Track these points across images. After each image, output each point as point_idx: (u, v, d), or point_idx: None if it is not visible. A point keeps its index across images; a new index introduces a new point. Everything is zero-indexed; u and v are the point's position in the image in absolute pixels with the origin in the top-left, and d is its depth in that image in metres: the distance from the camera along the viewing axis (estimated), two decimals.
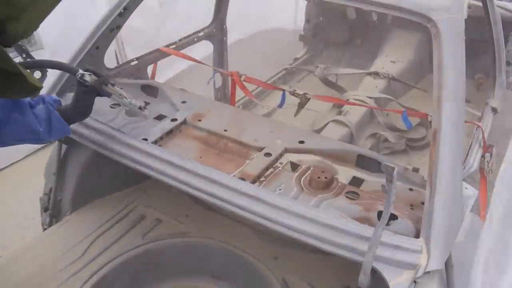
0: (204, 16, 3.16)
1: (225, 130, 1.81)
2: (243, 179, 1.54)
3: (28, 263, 1.87)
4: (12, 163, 3.57)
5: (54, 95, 1.72)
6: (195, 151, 1.73)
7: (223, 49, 3.19)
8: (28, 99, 1.45)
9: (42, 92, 1.82)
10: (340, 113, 3.17)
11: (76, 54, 1.98)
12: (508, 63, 3.13)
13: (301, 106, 2.48)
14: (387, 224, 1.31)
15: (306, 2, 4.42)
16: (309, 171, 1.61)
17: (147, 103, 1.97)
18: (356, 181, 1.60)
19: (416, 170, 1.62)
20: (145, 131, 1.79)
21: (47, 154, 2.17)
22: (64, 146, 2.18)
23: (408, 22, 1.48)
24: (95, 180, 2.20)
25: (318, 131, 3.03)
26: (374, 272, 1.25)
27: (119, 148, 1.66)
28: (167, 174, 1.55)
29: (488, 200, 2.12)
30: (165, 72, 4.17)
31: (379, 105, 3.29)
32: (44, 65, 1.57)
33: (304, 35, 4.47)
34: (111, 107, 1.93)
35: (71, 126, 1.57)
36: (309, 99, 2.43)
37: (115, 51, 4.01)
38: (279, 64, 4.21)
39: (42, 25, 0.99)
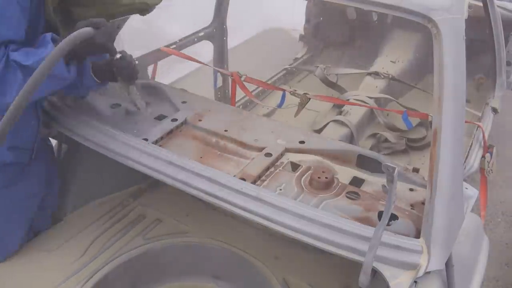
0: (204, 16, 3.16)
1: (226, 130, 1.81)
2: (243, 179, 1.54)
3: (28, 263, 1.87)
4: None
5: None
6: (196, 151, 1.73)
7: (223, 49, 3.19)
8: None
9: None
10: (340, 113, 3.17)
11: None
12: (508, 63, 3.13)
13: (301, 106, 2.48)
14: (388, 224, 1.31)
15: (306, 2, 4.42)
16: (310, 171, 1.61)
17: (147, 103, 1.97)
18: (357, 181, 1.60)
19: (416, 170, 1.62)
20: (146, 131, 1.79)
21: None
22: (64, 146, 2.18)
23: (408, 22, 1.48)
24: (95, 180, 2.21)
25: (319, 131, 3.03)
26: (375, 272, 1.25)
27: (119, 148, 1.65)
28: (168, 174, 1.55)
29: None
30: (168, 75, 4.17)
31: (379, 105, 3.29)
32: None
33: (304, 35, 4.47)
34: (111, 107, 1.93)
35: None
36: (309, 99, 2.43)
37: None
38: (280, 65, 4.21)
39: None
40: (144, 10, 1.63)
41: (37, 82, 1.28)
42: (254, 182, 1.55)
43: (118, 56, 1.65)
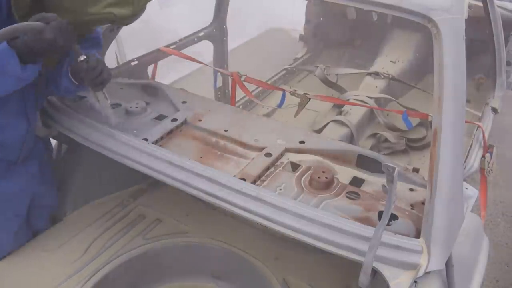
0: (204, 17, 3.16)
1: (226, 130, 1.81)
2: (243, 179, 1.54)
3: (28, 263, 1.87)
4: None
5: None
6: (196, 151, 1.73)
7: (223, 49, 3.19)
8: None
9: None
10: (340, 113, 3.17)
11: None
12: (508, 63, 3.13)
13: (301, 106, 2.48)
14: (388, 224, 1.31)
15: (306, 2, 4.42)
16: (310, 171, 1.61)
17: (147, 103, 1.97)
18: (357, 181, 1.60)
19: (416, 170, 1.62)
20: (146, 131, 1.79)
21: None
22: (64, 146, 2.18)
23: (408, 22, 1.48)
24: (95, 180, 2.21)
25: (318, 131, 3.03)
26: (375, 272, 1.25)
27: (119, 148, 1.65)
28: (168, 174, 1.55)
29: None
30: (168, 75, 4.18)
31: (379, 105, 3.29)
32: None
33: (304, 35, 4.47)
34: (111, 107, 1.93)
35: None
36: (309, 99, 2.43)
37: (115, 52, 4.01)
38: (281, 65, 4.21)
39: None
40: (114, 21, 1.50)
41: None
42: (254, 182, 1.55)
43: (81, 58, 1.53)
